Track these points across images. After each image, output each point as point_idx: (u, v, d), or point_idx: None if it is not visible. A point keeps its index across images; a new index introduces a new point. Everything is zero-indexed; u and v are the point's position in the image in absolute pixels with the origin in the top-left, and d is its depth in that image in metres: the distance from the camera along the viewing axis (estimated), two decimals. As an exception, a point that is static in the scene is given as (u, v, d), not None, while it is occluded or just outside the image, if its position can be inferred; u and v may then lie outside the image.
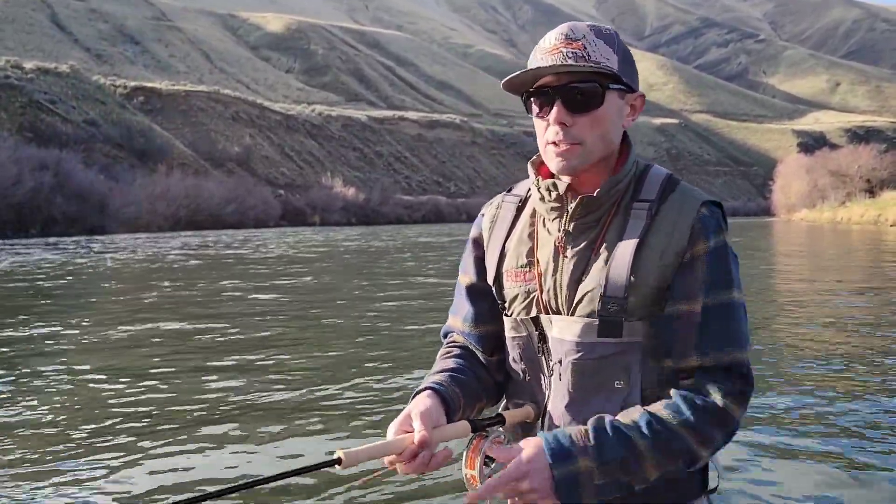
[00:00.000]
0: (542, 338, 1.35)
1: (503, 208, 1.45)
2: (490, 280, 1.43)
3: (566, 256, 1.33)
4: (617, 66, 1.28)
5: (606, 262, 1.28)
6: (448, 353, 1.48)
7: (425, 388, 1.34)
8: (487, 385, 1.45)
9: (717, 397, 1.21)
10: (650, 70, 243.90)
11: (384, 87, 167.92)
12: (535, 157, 1.38)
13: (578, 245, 1.32)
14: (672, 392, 1.24)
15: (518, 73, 1.27)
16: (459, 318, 1.48)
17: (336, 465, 1.17)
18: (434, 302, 11.20)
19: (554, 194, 1.32)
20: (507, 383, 1.45)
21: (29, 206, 44.07)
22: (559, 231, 1.34)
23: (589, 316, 1.28)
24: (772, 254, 24.57)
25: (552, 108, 1.27)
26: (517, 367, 1.40)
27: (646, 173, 1.34)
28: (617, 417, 1.23)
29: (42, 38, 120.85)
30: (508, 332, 1.40)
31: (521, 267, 1.37)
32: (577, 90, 1.26)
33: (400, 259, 22.33)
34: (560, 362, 1.31)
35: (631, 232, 1.28)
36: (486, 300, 1.44)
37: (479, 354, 1.47)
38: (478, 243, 1.47)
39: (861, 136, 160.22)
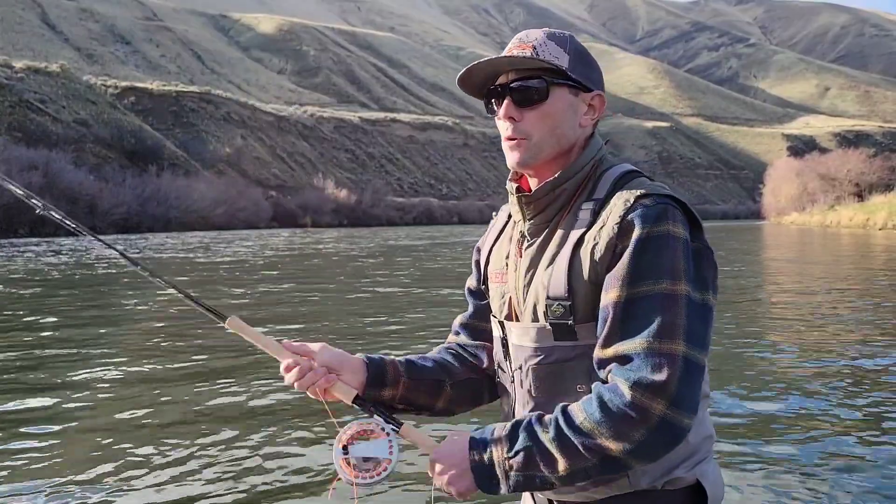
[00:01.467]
0: (505, 343, 1.38)
1: (499, 214, 1.50)
2: (481, 282, 1.49)
3: (520, 258, 1.35)
4: (567, 64, 1.31)
5: (550, 264, 1.29)
6: (437, 349, 1.54)
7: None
8: (462, 387, 1.47)
9: (625, 390, 1.15)
10: (641, 73, 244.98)
11: (376, 89, 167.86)
12: None
13: (531, 247, 1.34)
14: (593, 386, 1.21)
15: (463, 70, 1.34)
16: (463, 315, 1.55)
17: (223, 323, 1.30)
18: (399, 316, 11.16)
19: (514, 197, 1.36)
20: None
21: (17, 207, 43.78)
22: (519, 233, 1.38)
23: (540, 320, 1.29)
24: (763, 258, 24.69)
25: (502, 104, 1.32)
26: (496, 367, 1.45)
27: (605, 172, 1.33)
28: (539, 413, 1.24)
29: (32, 37, 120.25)
30: (493, 332, 1.45)
31: (500, 269, 1.41)
32: (522, 86, 1.30)
33: (373, 265, 22.27)
34: (521, 368, 1.33)
35: (574, 233, 1.27)
36: (483, 301, 1.49)
37: (470, 347, 1.51)
38: (478, 248, 1.52)
39: (850, 140, 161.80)
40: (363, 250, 29.67)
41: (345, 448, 1.25)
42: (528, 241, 1.34)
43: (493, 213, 1.51)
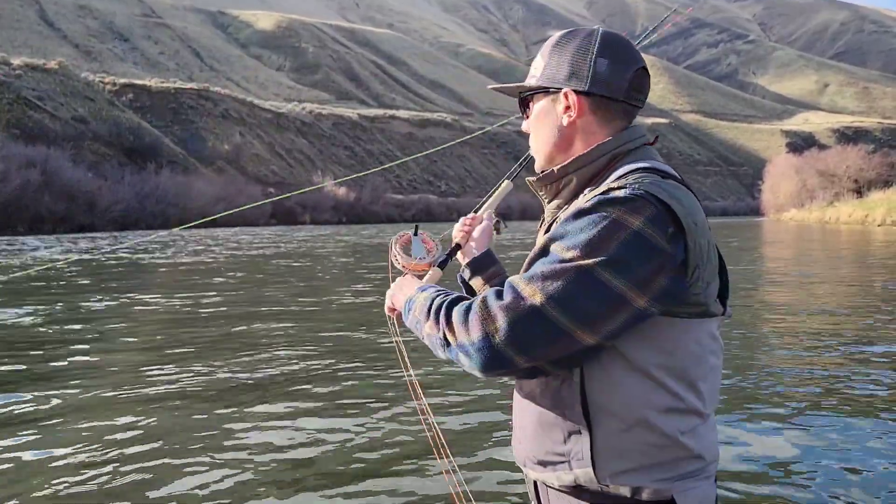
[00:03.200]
0: None
1: None
2: None
3: (535, 238, 1.46)
4: (540, 72, 1.44)
5: None
6: None
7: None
8: None
9: (477, 300, 1.30)
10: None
11: (375, 86, 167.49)
12: None
13: (542, 227, 1.48)
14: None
15: (501, 87, 1.55)
16: None
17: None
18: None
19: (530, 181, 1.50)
20: None
21: (16, 205, 43.67)
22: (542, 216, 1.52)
23: None
24: (763, 254, 24.67)
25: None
26: None
27: (622, 166, 1.37)
28: (464, 294, 1.51)
29: (30, 34, 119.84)
30: None
31: None
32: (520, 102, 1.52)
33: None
34: None
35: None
36: None
37: None
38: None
39: (849, 136, 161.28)
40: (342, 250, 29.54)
41: (403, 248, 1.67)
42: (545, 223, 1.48)
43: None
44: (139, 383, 6.02)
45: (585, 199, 1.32)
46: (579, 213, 1.26)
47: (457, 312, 1.30)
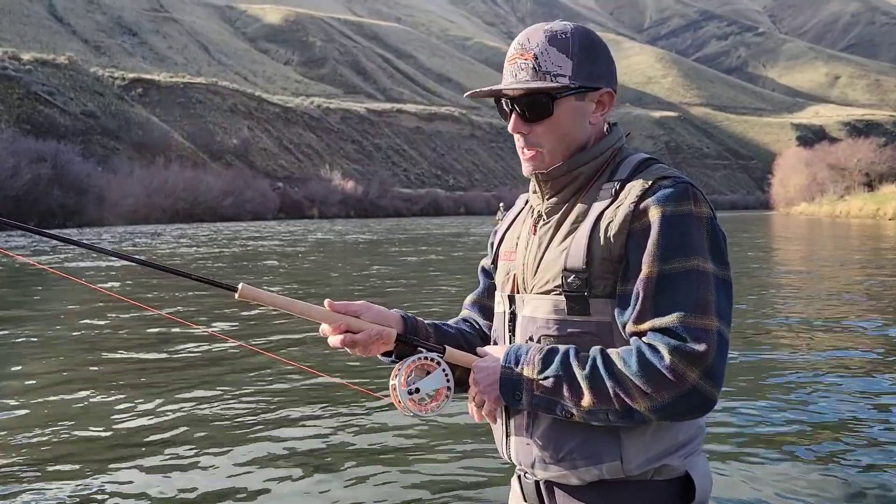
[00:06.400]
0: (513, 316, 1.41)
1: (519, 199, 1.56)
2: (492, 262, 1.56)
3: (535, 235, 1.40)
4: (570, 71, 1.33)
5: (567, 237, 1.33)
6: (455, 319, 1.62)
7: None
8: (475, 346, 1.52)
9: (665, 354, 1.19)
10: (649, 63, 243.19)
11: (382, 80, 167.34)
12: None
13: (547, 224, 1.38)
14: (632, 340, 1.24)
15: (474, 91, 1.41)
16: (474, 293, 1.62)
17: (235, 293, 1.31)
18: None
19: (533, 180, 1.42)
20: None
21: (26, 199, 43.94)
22: (536, 214, 1.43)
23: (554, 292, 1.31)
24: (772, 249, 24.53)
25: (511, 118, 1.37)
26: (493, 342, 1.49)
27: (625, 159, 1.37)
28: (575, 348, 1.28)
29: (40, 29, 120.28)
30: (495, 308, 1.50)
31: (510, 248, 1.47)
32: (526, 102, 1.34)
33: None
34: (531, 339, 1.35)
35: (595, 209, 1.31)
36: (492, 279, 1.56)
37: (481, 323, 1.58)
38: (496, 231, 1.60)
39: (860, 129, 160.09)
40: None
41: (410, 391, 1.34)
42: (544, 220, 1.40)
43: (500, 204, 1.72)
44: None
45: (609, 192, 1.32)
46: (664, 221, 1.24)
47: (630, 374, 1.21)
